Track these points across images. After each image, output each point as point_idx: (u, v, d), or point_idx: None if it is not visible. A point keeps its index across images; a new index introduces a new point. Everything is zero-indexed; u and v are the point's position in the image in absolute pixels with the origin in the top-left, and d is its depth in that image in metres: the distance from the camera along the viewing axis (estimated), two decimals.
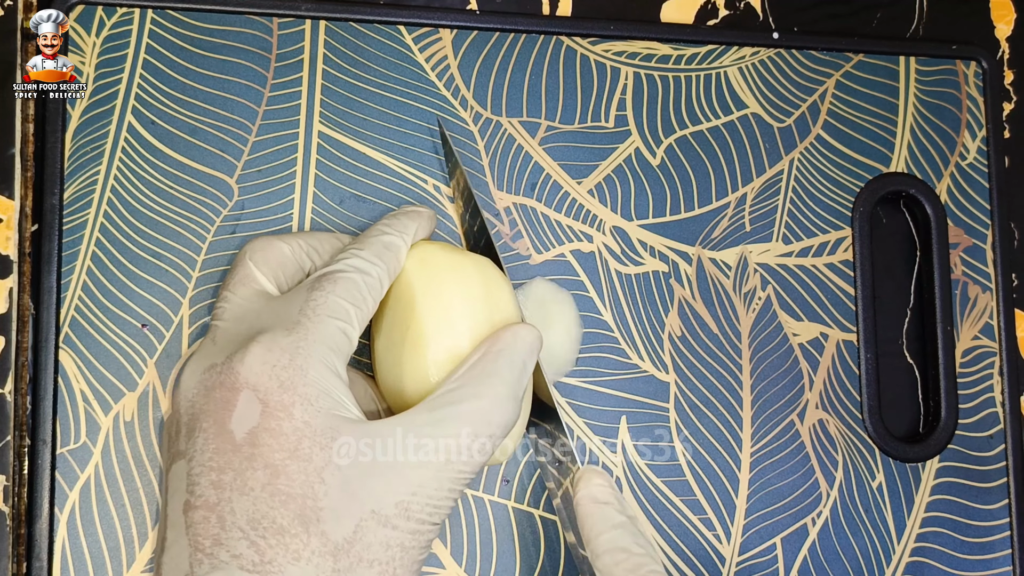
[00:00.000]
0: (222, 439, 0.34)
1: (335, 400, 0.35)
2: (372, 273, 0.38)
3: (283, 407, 0.34)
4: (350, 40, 0.45)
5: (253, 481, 0.33)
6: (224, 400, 0.35)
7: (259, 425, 0.34)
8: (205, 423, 0.35)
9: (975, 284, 0.50)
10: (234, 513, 0.33)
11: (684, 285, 0.47)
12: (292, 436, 0.34)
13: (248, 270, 0.39)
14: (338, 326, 0.36)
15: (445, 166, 0.45)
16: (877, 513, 0.47)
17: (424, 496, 0.34)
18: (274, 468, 0.33)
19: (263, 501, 0.33)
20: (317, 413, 0.34)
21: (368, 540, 0.33)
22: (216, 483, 0.34)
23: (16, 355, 0.41)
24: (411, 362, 0.39)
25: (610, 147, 0.47)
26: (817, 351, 0.48)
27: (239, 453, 0.34)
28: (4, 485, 0.40)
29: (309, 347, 0.35)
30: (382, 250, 0.39)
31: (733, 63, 0.49)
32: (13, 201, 0.42)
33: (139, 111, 0.43)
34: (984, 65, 0.51)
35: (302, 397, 0.34)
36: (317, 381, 0.35)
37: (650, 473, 0.45)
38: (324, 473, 0.33)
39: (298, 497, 0.33)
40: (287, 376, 0.34)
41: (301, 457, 0.33)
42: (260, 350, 0.35)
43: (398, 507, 0.34)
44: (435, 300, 0.39)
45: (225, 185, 0.44)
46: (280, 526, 0.33)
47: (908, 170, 0.50)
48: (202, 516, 0.34)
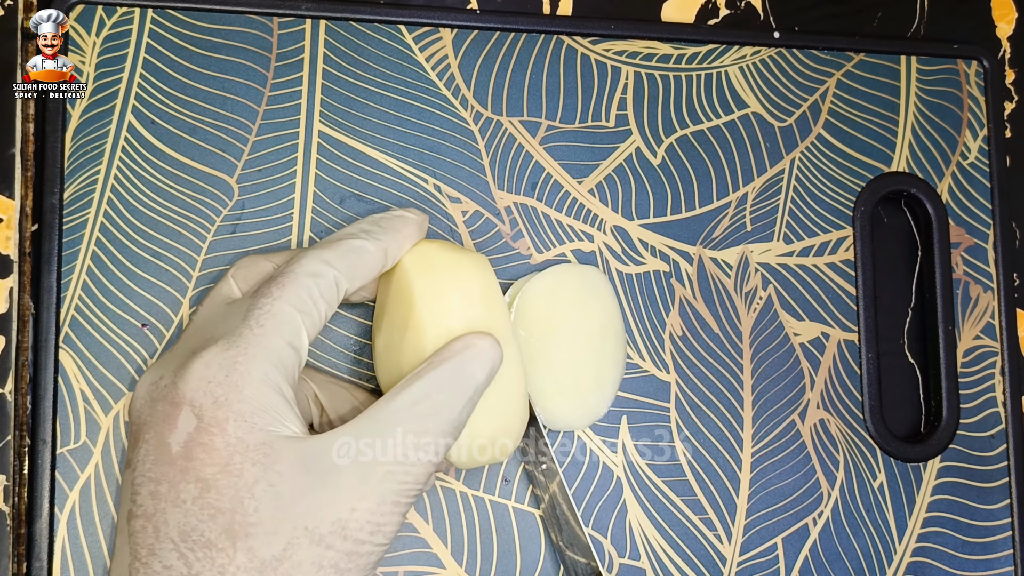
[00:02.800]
0: (160, 451, 0.34)
1: (272, 416, 0.34)
2: (327, 276, 0.37)
3: (216, 423, 0.34)
4: (350, 40, 0.45)
5: (185, 494, 0.33)
6: (164, 413, 0.35)
7: (193, 439, 0.34)
8: (147, 434, 0.35)
9: (976, 284, 0.50)
10: (167, 524, 0.33)
11: (685, 285, 0.47)
12: (224, 451, 0.33)
13: (226, 285, 0.39)
14: (283, 338, 0.35)
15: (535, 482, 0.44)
16: (878, 513, 0.47)
17: (364, 512, 0.34)
18: (205, 482, 0.33)
19: (193, 514, 0.33)
20: (251, 429, 0.34)
21: (298, 559, 0.33)
22: (153, 494, 0.34)
23: (16, 355, 0.41)
24: (410, 363, 0.39)
25: (611, 147, 0.47)
26: (818, 351, 0.47)
27: (174, 466, 0.34)
28: (4, 485, 0.40)
29: (248, 363, 0.34)
30: (346, 253, 0.38)
31: (734, 62, 0.49)
32: (13, 201, 0.42)
33: (139, 111, 0.43)
34: (985, 65, 0.51)
35: (236, 413, 0.34)
36: (253, 398, 0.34)
37: (651, 473, 0.45)
38: (255, 489, 0.33)
39: (227, 512, 0.33)
40: (221, 392, 0.34)
41: (232, 472, 0.33)
42: (198, 366, 0.35)
43: (334, 525, 0.33)
44: (434, 301, 0.39)
45: (225, 185, 0.43)
46: (208, 540, 0.33)
47: (909, 169, 0.50)
48: (140, 525, 0.34)
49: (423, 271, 0.39)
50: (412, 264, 0.39)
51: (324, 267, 0.37)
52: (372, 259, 0.38)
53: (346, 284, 0.37)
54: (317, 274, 0.36)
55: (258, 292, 0.36)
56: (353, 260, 0.38)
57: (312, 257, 0.37)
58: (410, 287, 0.39)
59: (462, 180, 0.45)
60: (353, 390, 0.42)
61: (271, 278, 0.37)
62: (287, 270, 0.37)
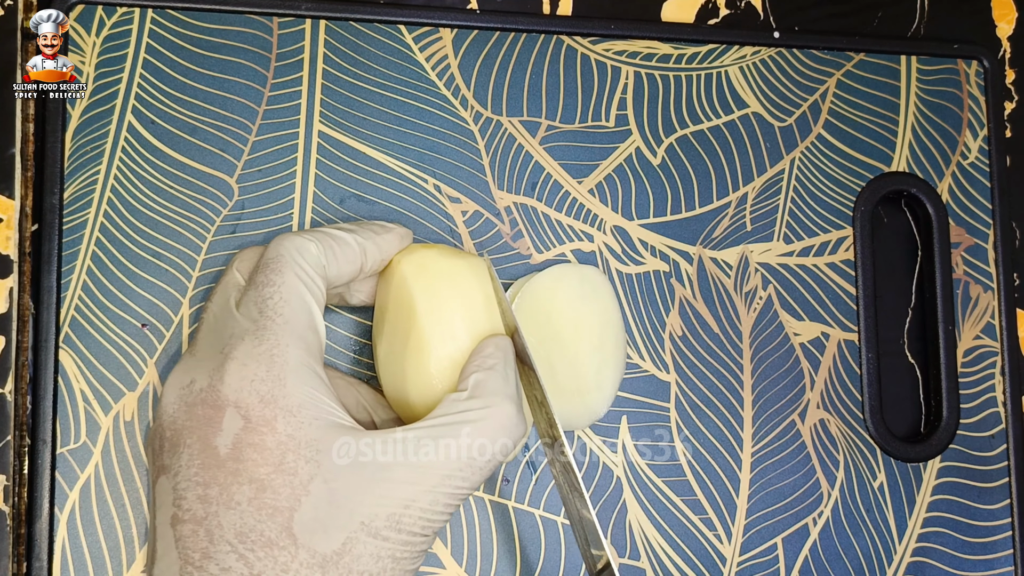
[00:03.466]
0: (207, 455, 0.34)
1: (317, 407, 0.35)
2: (311, 250, 0.37)
3: (265, 421, 0.34)
4: (350, 40, 0.45)
5: (239, 495, 0.33)
6: (207, 417, 0.34)
7: (242, 440, 0.34)
8: (189, 439, 0.35)
9: (976, 283, 0.50)
10: (222, 527, 0.33)
11: (685, 285, 0.47)
12: (276, 450, 0.33)
13: (231, 277, 0.39)
14: (304, 322, 0.35)
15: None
16: (878, 513, 0.47)
17: (417, 510, 0.34)
18: (259, 482, 0.33)
19: (250, 515, 0.33)
20: (300, 425, 0.34)
21: (358, 552, 0.33)
22: (203, 497, 0.34)
23: (16, 355, 0.41)
24: (414, 371, 0.38)
25: (611, 146, 0.47)
26: (818, 351, 0.47)
27: (224, 468, 0.34)
28: (4, 485, 0.40)
29: (283, 354, 0.35)
30: (324, 238, 0.38)
31: (734, 62, 0.49)
32: (13, 201, 0.42)
33: (139, 111, 0.43)
34: (985, 64, 0.51)
35: (283, 410, 0.34)
36: (297, 389, 0.34)
37: (651, 473, 0.45)
38: (311, 486, 0.33)
39: (285, 510, 0.33)
40: (266, 389, 0.34)
41: (286, 471, 0.33)
42: (235, 366, 0.34)
43: (389, 519, 0.34)
44: (435, 308, 0.38)
45: (225, 185, 0.43)
46: (268, 539, 0.33)
47: (909, 169, 0.50)
48: (191, 530, 0.34)
49: (422, 279, 0.39)
50: (411, 272, 0.39)
51: (305, 241, 0.37)
52: (351, 251, 0.38)
53: (325, 263, 0.37)
54: (301, 248, 0.37)
55: (257, 282, 0.36)
56: (331, 244, 0.38)
57: (292, 235, 0.37)
58: (410, 296, 0.39)
59: (462, 180, 0.45)
60: (357, 384, 0.42)
61: (262, 266, 0.37)
62: (272, 254, 0.37)
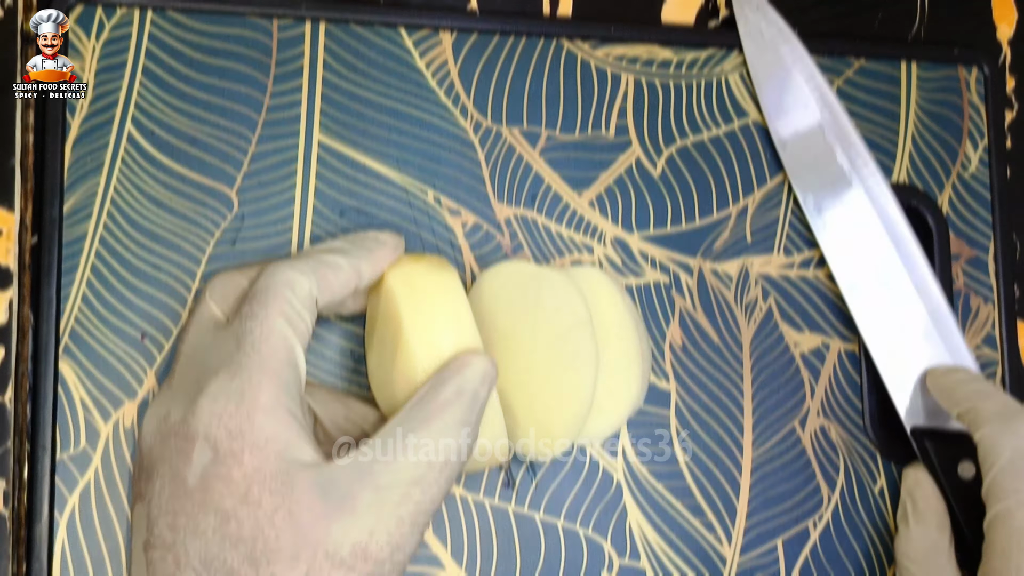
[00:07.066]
0: (176, 484, 0.35)
1: (286, 443, 0.35)
2: (302, 284, 0.37)
3: (232, 454, 0.34)
4: (350, 46, 0.45)
5: (204, 525, 0.34)
6: (179, 449, 0.35)
7: (210, 472, 0.34)
8: (162, 468, 0.36)
9: (977, 295, 0.50)
10: (188, 554, 0.34)
11: (685, 296, 0.47)
12: (242, 483, 0.34)
13: (206, 308, 0.39)
14: (281, 359, 0.36)
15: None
16: (879, 517, 0.47)
17: (383, 535, 0.34)
18: (224, 513, 0.34)
19: (215, 543, 0.34)
20: (267, 458, 0.34)
21: None
22: (171, 525, 0.34)
23: (16, 365, 0.41)
24: (402, 383, 0.39)
25: (611, 158, 0.47)
26: (819, 361, 0.48)
27: (191, 499, 0.34)
28: (4, 489, 0.40)
29: (255, 391, 0.35)
30: (317, 266, 0.38)
31: (734, 68, 0.49)
32: (13, 213, 0.42)
33: (139, 121, 0.43)
34: (986, 71, 0.51)
35: (251, 444, 0.34)
36: (266, 425, 0.34)
37: (651, 477, 0.45)
38: (275, 517, 0.34)
39: (248, 540, 0.33)
40: (235, 424, 0.34)
41: (251, 502, 0.34)
42: (207, 402, 0.35)
43: (354, 548, 0.34)
44: (421, 323, 0.38)
45: (225, 197, 0.43)
46: (230, 567, 0.33)
47: (910, 180, 0.50)
48: (160, 555, 0.35)
49: (409, 294, 0.39)
50: (398, 287, 0.39)
51: (297, 275, 0.37)
52: (344, 275, 0.38)
53: (317, 295, 0.37)
54: (292, 283, 0.36)
55: (242, 314, 0.36)
56: (324, 273, 0.38)
57: (284, 267, 0.37)
58: (397, 310, 0.39)
59: (462, 192, 0.45)
60: (347, 400, 0.42)
61: (250, 297, 0.37)
62: (262, 286, 0.37)
